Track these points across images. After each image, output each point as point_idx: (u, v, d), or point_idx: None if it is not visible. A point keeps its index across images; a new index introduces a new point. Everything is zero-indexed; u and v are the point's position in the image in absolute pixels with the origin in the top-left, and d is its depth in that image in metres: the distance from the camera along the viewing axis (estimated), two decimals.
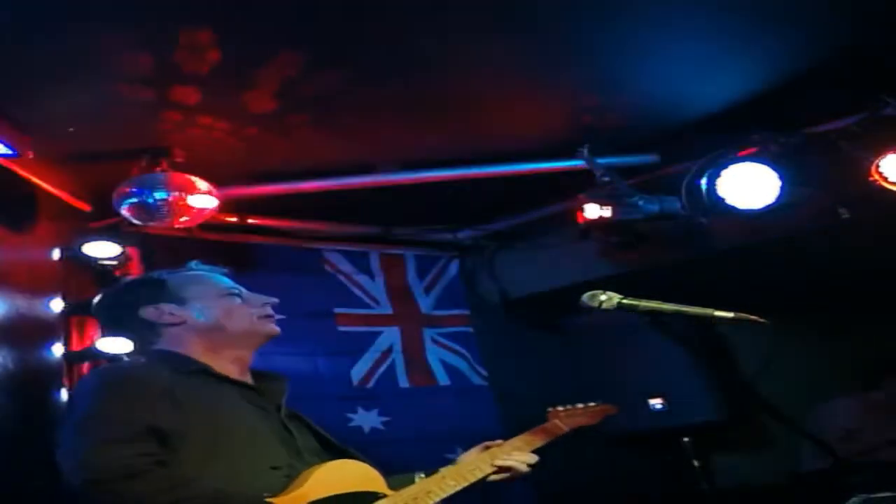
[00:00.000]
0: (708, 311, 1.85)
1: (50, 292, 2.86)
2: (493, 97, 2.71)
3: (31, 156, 2.45)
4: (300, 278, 3.72)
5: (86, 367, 2.91)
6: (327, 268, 3.84)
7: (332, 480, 1.71)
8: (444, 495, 1.80)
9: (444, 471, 1.95)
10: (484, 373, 3.99)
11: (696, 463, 3.77)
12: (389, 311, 3.87)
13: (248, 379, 1.99)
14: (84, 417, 1.66)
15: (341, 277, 3.85)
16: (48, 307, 2.84)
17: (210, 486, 1.58)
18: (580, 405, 2.52)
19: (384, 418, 3.56)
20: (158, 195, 2.67)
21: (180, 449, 1.63)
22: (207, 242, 3.46)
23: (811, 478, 3.75)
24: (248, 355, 2.02)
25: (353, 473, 1.79)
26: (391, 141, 2.99)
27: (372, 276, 3.91)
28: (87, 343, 2.94)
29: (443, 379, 3.85)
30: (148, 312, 1.98)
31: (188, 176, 2.71)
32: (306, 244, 3.80)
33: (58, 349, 2.81)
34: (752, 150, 2.99)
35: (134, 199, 2.69)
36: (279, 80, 2.39)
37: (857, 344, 4.28)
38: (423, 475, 1.98)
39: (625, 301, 1.91)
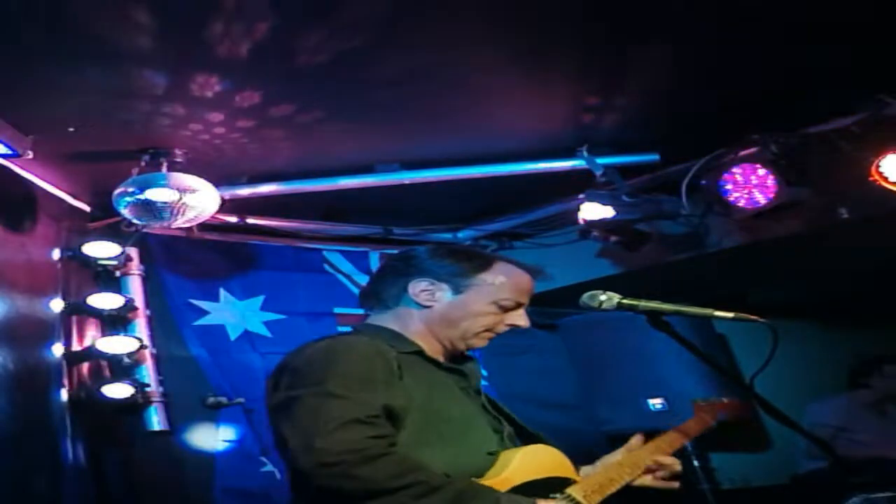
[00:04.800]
0: (708, 311, 1.85)
1: (50, 292, 2.86)
2: (493, 97, 2.70)
3: (31, 156, 2.44)
4: (300, 278, 3.72)
5: (86, 367, 2.91)
6: (327, 268, 3.84)
7: (530, 466, 1.75)
8: (622, 483, 1.89)
9: (616, 459, 2.05)
10: (484, 373, 3.97)
11: (696, 463, 3.78)
12: None
13: (453, 362, 1.95)
14: (317, 394, 1.58)
15: (341, 277, 3.85)
16: (48, 307, 2.84)
17: (438, 472, 1.55)
18: (719, 398, 2.65)
19: None
20: (158, 195, 2.67)
21: (401, 430, 1.62)
22: (207, 242, 3.47)
23: (811, 477, 3.76)
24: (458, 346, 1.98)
25: (547, 459, 1.85)
26: (391, 141, 2.99)
27: None
28: (87, 343, 2.95)
29: None
30: (414, 287, 1.92)
31: (188, 176, 2.71)
32: (306, 244, 3.79)
33: (58, 349, 2.81)
34: (752, 150, 2.99)
35: (134, 199, 2.69)
36: (280, 80, 2.39)
37: (856, 343, 4.29)
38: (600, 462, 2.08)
39: (624, 301, 1.90)
